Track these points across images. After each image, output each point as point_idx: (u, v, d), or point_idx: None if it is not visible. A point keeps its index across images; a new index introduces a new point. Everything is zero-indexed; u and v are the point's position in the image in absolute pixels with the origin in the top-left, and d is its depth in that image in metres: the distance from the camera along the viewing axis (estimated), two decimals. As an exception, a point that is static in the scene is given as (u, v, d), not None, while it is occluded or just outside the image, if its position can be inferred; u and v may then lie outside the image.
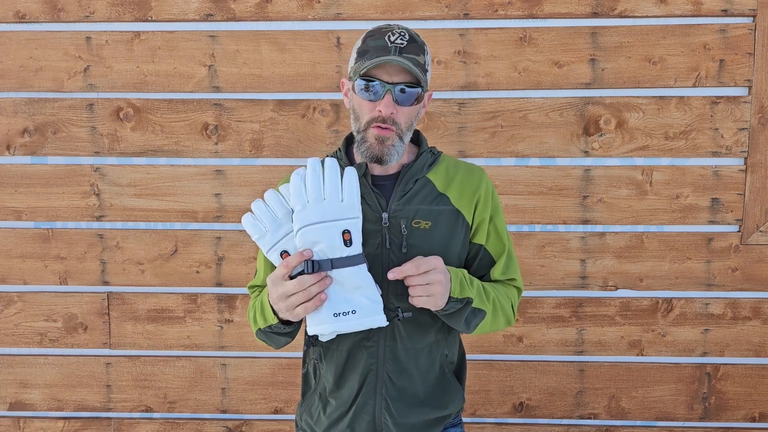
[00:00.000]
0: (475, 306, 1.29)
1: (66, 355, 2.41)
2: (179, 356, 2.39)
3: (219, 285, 2.34)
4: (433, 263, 1.21)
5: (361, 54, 1.28)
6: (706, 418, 2.36)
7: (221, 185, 2.29)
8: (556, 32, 2.20)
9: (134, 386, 2.41)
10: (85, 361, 2.41)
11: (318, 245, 1.20)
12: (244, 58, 2.24)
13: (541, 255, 2.29)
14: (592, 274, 2.29)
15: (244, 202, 2.29)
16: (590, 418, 2.37)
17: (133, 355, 2.40)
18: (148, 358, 2.40)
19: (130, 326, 2.38)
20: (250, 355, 2.38)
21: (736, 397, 2.35)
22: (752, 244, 2.26)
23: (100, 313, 2.37)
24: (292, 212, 1.23)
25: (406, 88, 1.26)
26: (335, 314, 1.21)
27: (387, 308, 1.27)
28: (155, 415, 2.43)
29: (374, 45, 1.26)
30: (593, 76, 2.21)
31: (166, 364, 2.40)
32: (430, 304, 1.22)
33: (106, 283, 2.36)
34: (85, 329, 2.39)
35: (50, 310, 2.38)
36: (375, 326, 1.23)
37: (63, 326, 2.39)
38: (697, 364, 2.34)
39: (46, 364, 2.41)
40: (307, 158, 2.24)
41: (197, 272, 2.33)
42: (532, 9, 2.18)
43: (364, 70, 1.25)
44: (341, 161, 1.39)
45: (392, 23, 1.32)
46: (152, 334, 2.37)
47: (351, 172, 1.23)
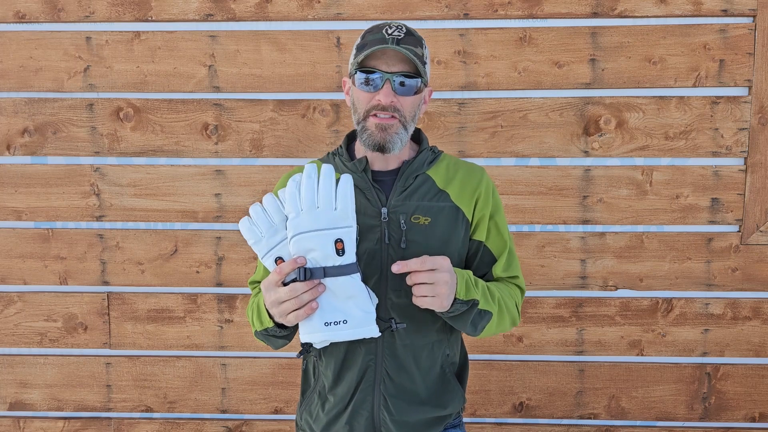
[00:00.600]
0: (481, 308, 1.28)
1: (66, 355, 2.41)
2: (179, 356, 2.39)
3: (219, 285, 2.34)
4: (440, 262, 1.20)
5: (359, 48, 1.30)
6: (706, 418, 2.36)
7: (221, 185, 2.29)
8: (556, 32, 2.20)
9: (134, 386, 2.41)
10: (85, 361, 2.41)
11: (311, 253, 1.20)
12: (244, 58, 2.24)
13: (541, 255, 2.29)
14: (592, 274, 2.29)
15: (244, 202, 2.29)
16: (590, 418, 2.37)
17: (133, 355, 2.40)
18: (148, 358, 2.40)
19: (130, 326, 2.38)
20: (250, 355, 2.38)
21: (736, 397, 2.35)
22: (752, 244, 2.26)
23: (100, 313, 2.37)
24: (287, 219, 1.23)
25: (405, 80, 1.27)
26: (326, 323, 1.21)
27: (380, 318, 1.26)
28: (155, 415, 2.43)
29: (372, 38, 1.28)
30: (593, 76, 2.21)
31: (166, 364, 2.40)
32: (435, 305, 1.20)
33: (106, 283, 2.36)
34: (85, 329, 2.39)
35: (50, 310, 2.38)
36: (367, 336, 1.23)
37: (63, 326, 2.39)
38: (697, 364, 2.34)
39: (46, 364, 2.41)
40: (307, 158, 2.26)
41: (197, 272, 2.33)
42: (532, 9, 2.18)
43: (362, 58, 1.26)
44: (342, 157, 1.40)
45: (389, 21, 1.33)
46: (152, 334, 2.37)
47: (346, 180, 1.22)
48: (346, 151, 1.42)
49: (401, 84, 1.27)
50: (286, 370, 2.38)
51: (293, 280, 1.20)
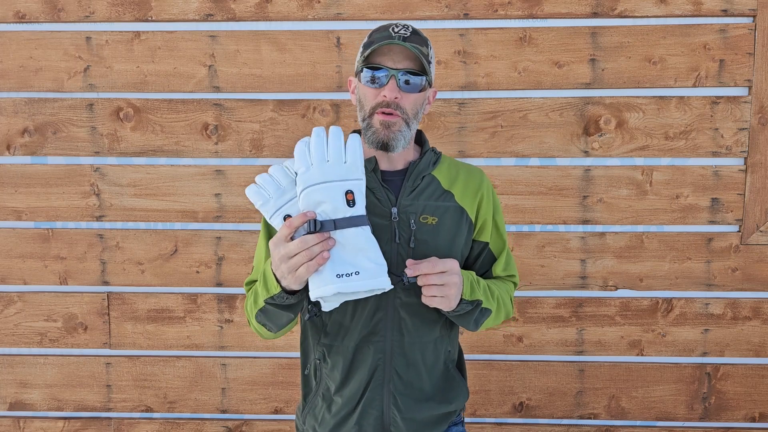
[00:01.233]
0: (483, 306, 1.33)
1: (66, 355, 2.41)
2: (179, 356, 2.39)
3: (219, 285, 2.34)
4: (449, 265, 1.23)
5: (366, 46, 1.30)
6: (706, 418, 2.36)
7: (221, 185, 2.29)
8: (556, 32, 2.20)
9: (134, 386, 2.41)
10: (85, 361, 2.41)
11: (321, 206, 1.20)
12: (244, 58, 2.24)
13: (541, 255, 2.29)
14: (592, 274, 2.29)
15: (244, 202, 2.29)
16: (590, 418, 2.37)
17: (133, 355, 2.40)
18: (148, 358, 2.40)
19: (130, 326, 2.38)
20: (250, 355, 2.38)
21: (736, 397, 2.35)
22: (752, 244, 2.26)
23: (100, 313, 2.37)
24: (296, 177, 1.24)
25: (410, 78, 1.28)
26: (338, 275, 1.18)
27: (391, 272, 1.25)
28: (155, 415, 2.43)
29: (379, 36, 1.29)
30: (593, 76, 2.21)
31: (166, 364, 2.40)
32: (443, 305, 1.24)
33: (106, 283, 2.36)
34: (85, 329, 2.39)
35: (50, 310, 2.38)
36: (379, 288, 1.21)
37: (63, 326, 2.39)
38: (697, 364, 2.34)
39: (46, 364, 2.41)
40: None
41: (197, 272, 2.33)
42: (532, 9, 2.18)
43: (369, 54, 1.27)
44: None
45: (396, 21, 1.34)
46: (152, 334, 2.37)
47: (355, 138, 1.24)
48: None
49: (406, 82, 1.28)
50: (286, 370, 2.38)
51: (303, 235, 1.18)
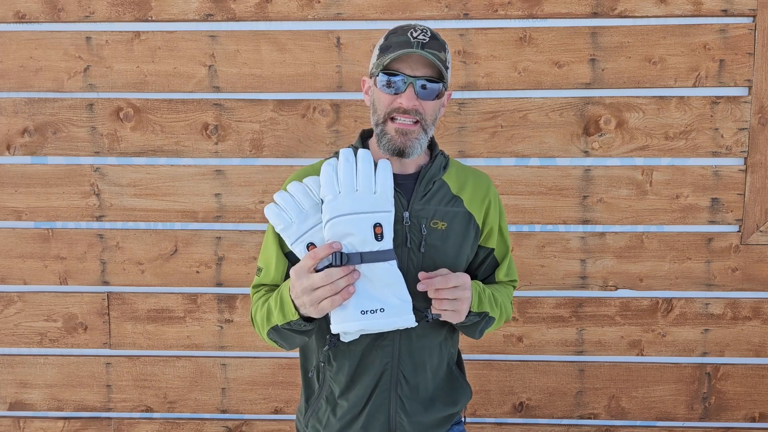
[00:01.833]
0: (489, 315, 1.34)
1: (66, 355, 2.41)
2: (179, 356, 2.39)
3: (219, 285, 2.34)
4: (462, 280, 1.23)
5: (383, 50, 1.28)
6: (706, 418, 2.36)
7: (221, 185, 2.29)
8: (556, 32, 2.20)
9: (134, 386, 2.41)
10: (85, 361, 2.41)
11: (348, 238, 1.16)
12: (244, 58, 2.24)
13: (541, 255, 2.29)
14: (592, 274, 2.29)
15: (244, 202, 2.29)
16: (590, 418, 2.37)
17: (133, 355, 2.40)
18: (148, 358, 2.40)
19: (130, 326, 2.38)
20: (250, 355, 2.38)
21: (736, 397, 2.35)
22: (752, 244, 2.26)
23: (100, 313, 2.37)
24: (320, 203, 1.20)
25: (427, 84, 1.26)
26: (363, 312, 1.16)
27: (415, 308, 1.24)
28: (155, 415, 2.43)
29: (397, 41, 1.26)
30: (593, 76, 2.21)
31: (166, 364, 2.40)
32: (453, 318, 1.25)
33: (106, 283, 2.36)
34: (85, 329, 2.39)
35: (50, 310, 2.38)
36: (403, 326, 1.19)
37: (63, 326, 2.39)
38: (697, 364, 2.34)
39: (46, 364, 2.41)
40: (307, 158, 2.26)
41: (197, 272, 2.33)
42: (532, 9, 2.18)
43: (388, 62, 1.25)
44: None
45: (413, 22, 1.33)
46: (152, 334, 2.37)
47: (385, 165, 1.21)
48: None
49: (423, 87, 1.26)
50: (286, 370, 2.38)
51: (326, 267, 1.15)
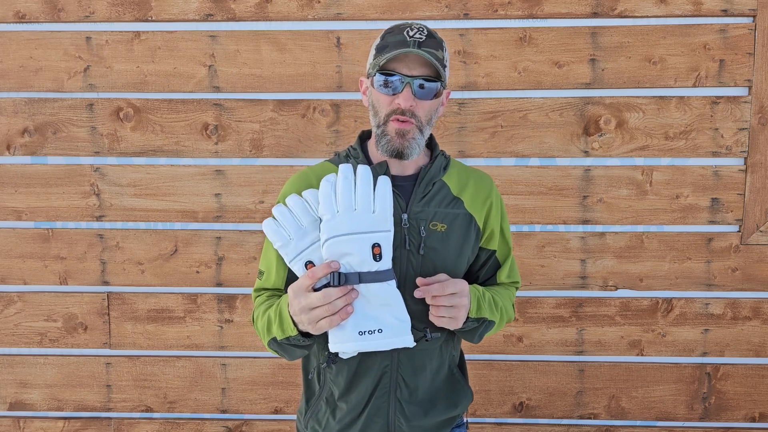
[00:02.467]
0: (488, 320, 1.32)
1: (66, 355, 2.41)
2: (179, 356, 2.39)
3: (219, 285, 2.34)
4: (460, 286, 1.23)
5: (380, 49, 1.27)
6: (706, 418, 2.36)
7: (221, 185, 2.29)
8: (556, 32, 2.20)
9: (134, 386, 2.41)
10: (85, 361, 2.41)
11: (346, 257, 1.15)
12: (244, 58, 2.24)
13: (541, 255, 2.29)
14: (592, 274, 2.29)
15: (244, 202, 2.29)
16: (590, 418, 2.37)
17: (133, 355, 2.40)
18: (148, 358, 2.40)
19: (130, 326, 2.38)
20: (250, 355, 2.38)
21: (736, 397, 2.35)
22: (752, 244, 2.26)
23: (100, 313, 2.37)
24: (318, 220, 1.18)
25: (424, 83, 1.25)
26: (360, 332, 1.15)
27: (414, 328, 1.24)
28: (155, 415, 2.43)
29: (393, 40, 1.26)
30: (593, 76, 2.21)
31: (166, 364, 2.40)
32: (450, 325, 1.24)
33: (106, 283, 2.36)
34: (85, 329, 2.39)
35: (50, 310, 2.38)
36: (401, 347, 1.18)
37: (63, 326, 2.39)
38: (697, 364, 2.34)
39: (46, 364, 2.41)
40: (307, 158, 2.26)
41: (197, 272, 2.33)
42: (532, 9, 2.18)
43: (384, 62, 1.24)
44: (358, 159, 1.36)
45: (410, 21, 1.32)
46: (152, 334, 2.37)
47: (385, 182, 1.20)
48: (362, 152, 1.38)
49: (420, 87, 1.25)
50: (286, 370, 2.38)
51: (324, 286, 1.14)
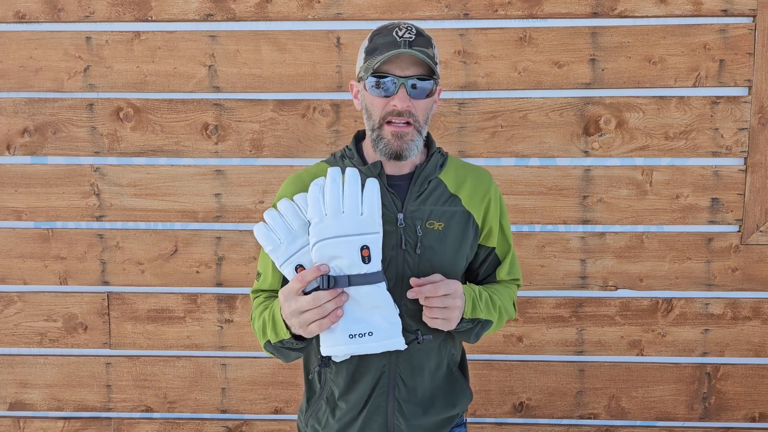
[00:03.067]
0: (484, 318, 1.31)
1: (66, 355, 2.41)
2: (179, 356, 2.39)
3: (219, 285, 2.34)
4: (453, 287, 1.22)
5: (370, 52, 1.27)
6: (706, 418, 2.36)
7: (221, 185, 2.29)
8: (556, 32, 2.20)
9: (134, 386, 2.41)
10: (85, 361, 2.41)
11: (335, 260, 1.15)
12: (244, 58, 2.24)
13: (541, 255, 2.29)
14: (592, 274, 2.29)
15: (244, 202, 2.29)
16: (590, 418, 2.37)
17: (133, 355, 2.40)
18: (148, 358, 2.40)
19: (130, 326, 2.38)
20: (250, 355, 2.38)
21: (736, 397, 2.35)
22: (752, 244, 2.26)
23: (100, 313, 2.37)
24: (308, 224, 1.18)
25: (418, 83, 1.24)
26: (351, 335, 1.16)
27: (405, 330, 1.24)
28: (155, 415, 2.43)
29: (383, 41, 1.25)
30: (593, 76, 2.21)
31: (166, 364, 2.40)
32: (444, 326, 1.24)
33: (106, 283, 2.36)
34: (85, 329, 2.39)
35: (50, 310, 2.38)
36: (392, 349, 1.19)
37: (63, 326, 2.39)
38: (697, 364, 2.34)
39: (46, 364, 2.41)
40: (307, 158, 2.26)
41: (197, 272, 2.33)
42: (532, 9, 2.18)
43: (377, 65, 1.23)
44: (353, 159, 1.36)
45: (396, 21, 1.31)
46: (152, 334, 2.37)
47: (372, 184, 1.19)
48: (357, 152, 1.38)
49: (413, 87, 1.24)
50: (286, 370, 2.38)
51: (315, 289, 1.14)
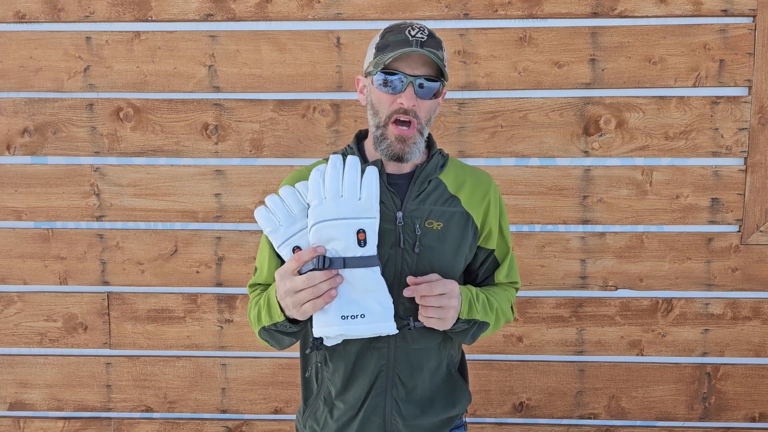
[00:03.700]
0: (480, 320, 1.32)
1: (66, 355, 2.41)
2: (179, 356, 2.39)
3: (219, 285, 2.34)
4: (449, 287, 1.22)
5: (380, 48, 1.27)
6: (706, 418, 2.36)
7: (221, 185, 2.29)
8: (556, 32, 2.20)
9: (134, 386, 2.41)
10: (85, 361, 2.41)
11: (332, 243, 1.18)
12: (244, 58, 2.24)
13: (541, 255, 2.29)
14: (592, 274, 2.29)
15: (244, 202, 2.29)
16: (590, 418, 2.37)
17: (133, 355, 2.40)
18: (148, 358, 2.40)
19: (130, 326, 2.38)
20: (250, 355, 2.38)
21: (736, 397, 2.35)
22: (752, 244, 2.26)
23: (100, 313, 2.37)
24: (308, 208, 1.21)
25: (425, 83, 1.25)
26: (343, 317, 1.17)
27: (398, 316, 1.24)
28: (155, 415, 2.43)
29: (395, 39, 1.25)
30: (593, 76, 2.21)
31: (166, 364, 2.40)
32: (439, 326, 1.24)
33: (106, 283, 2.36)
34: (85, 329, 2.39)
35: (50, 310, 2.38)
36: (383, 333, 1.20)
37: (63, 326, 2.39)
38: (697, 364, 2.34)
39: (46, 364, 2.41)
40: (307, 158, 2.26)
41: (197, 272, 2.33)
42: (532, 9, 2.18)
43: (388, 61, 1.24)
44: None
45: (409, 21, 1.31)
46: (152, 334, 2.37)
47: (372, 172, 1.21)
48: (358, 151, 1.39)
49: (421, 86, 1.25)
50: (286, 370, 2.38)
51: (310, 271, 1.17)
